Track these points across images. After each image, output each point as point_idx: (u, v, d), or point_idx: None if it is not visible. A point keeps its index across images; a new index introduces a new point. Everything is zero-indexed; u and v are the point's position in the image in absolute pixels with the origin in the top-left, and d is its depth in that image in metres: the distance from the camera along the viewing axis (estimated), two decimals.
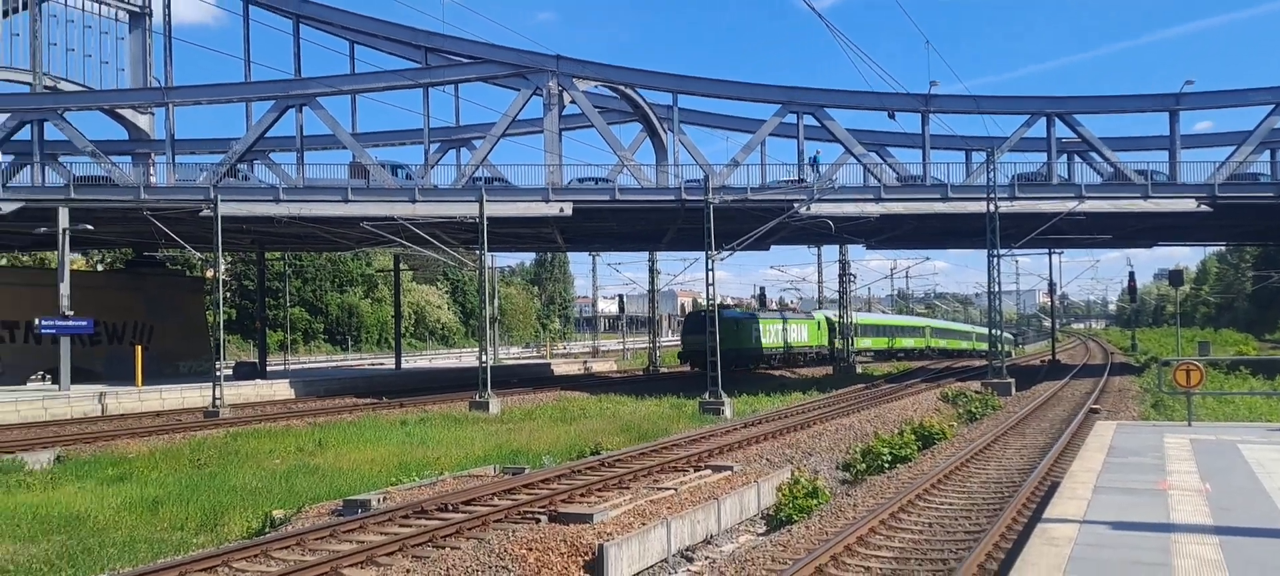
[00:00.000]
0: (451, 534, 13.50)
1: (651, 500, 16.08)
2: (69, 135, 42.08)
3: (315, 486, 19.30)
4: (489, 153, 42.92)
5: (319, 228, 42.96)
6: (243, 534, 15.62)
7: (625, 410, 35.20)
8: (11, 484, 20.23)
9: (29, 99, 45.37)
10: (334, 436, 27.14)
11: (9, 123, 42.30)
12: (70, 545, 14.64)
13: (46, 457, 23.87)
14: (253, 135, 42.46)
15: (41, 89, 46.99)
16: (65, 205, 38.85)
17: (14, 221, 39.70)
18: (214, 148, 49.66)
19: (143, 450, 24.80)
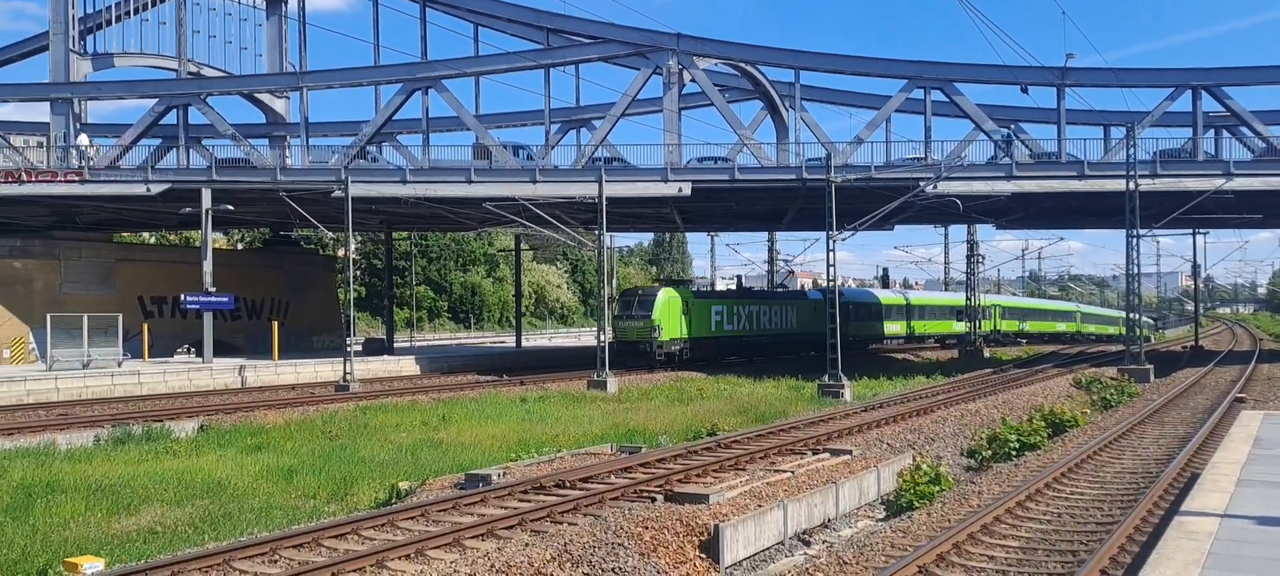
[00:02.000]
0: (569, 510, 13.63)
1: (768, 482, 15.91)
2: (211, 119, 44.17)
3: (438, 460, 19.78)
4: (608, 133, 43.12)
5: (443, 208, 44.00)
6: (370, 504, 16.13)
7: (742, 392, 34.99)
8: (160, 450, 21.41)
9: (175, 84, 47.79)
10: (456, 412, 27.79)
11: (157, 107, 44.66)
12: (212, 509, 15.40)
13: (191, 426, 25.19)
14: (381, 118, 43.74)
15: (186, 75, 49.45)
16: (208, 187, 40.79)
17: (161, 202, 41.92)
18: (345, 130, 51.43)
19: (278, 421, 25.89)
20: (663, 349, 43.89)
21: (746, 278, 68.37)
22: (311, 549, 11.68)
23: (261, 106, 52.71)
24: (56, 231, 48.91)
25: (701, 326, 47.45)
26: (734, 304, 51.88)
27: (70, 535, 13.64)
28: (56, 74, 46.29)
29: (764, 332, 52.83)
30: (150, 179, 41.26)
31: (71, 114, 45.67)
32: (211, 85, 48.76)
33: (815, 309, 55.07)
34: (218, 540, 13.15)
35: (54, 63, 46.29)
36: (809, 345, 53.63)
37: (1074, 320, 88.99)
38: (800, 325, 55.42)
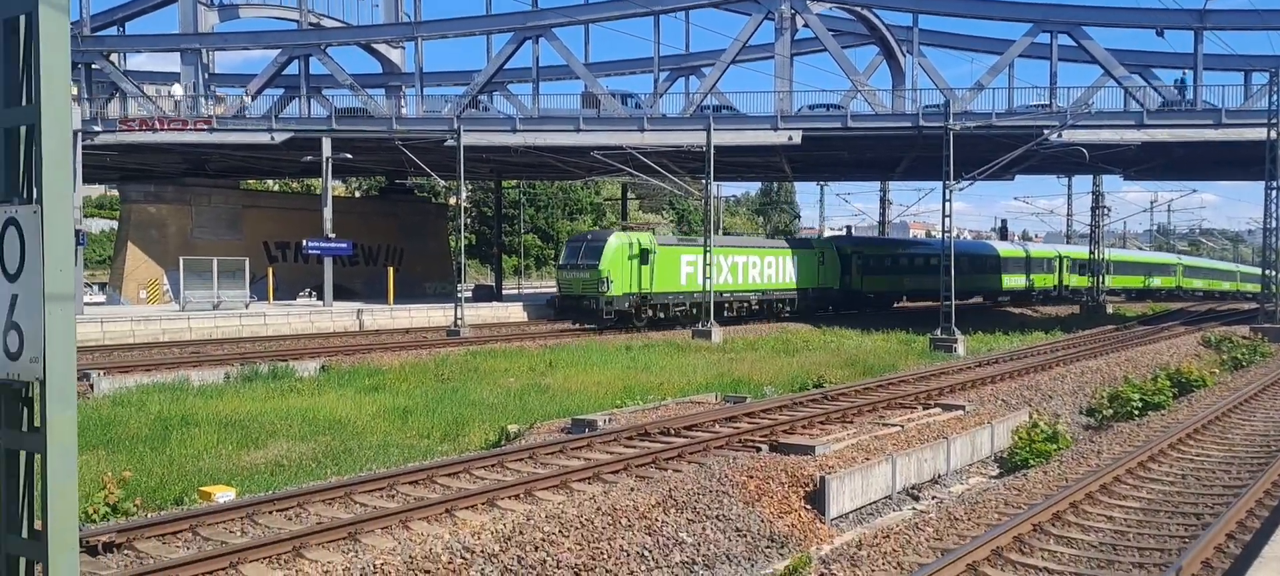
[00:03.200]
0: (673, 457, 13.69)
1: (876, 436, 15.67)
2: (331, 69, 45.35)
3: (545, 405, 20.12)
4: (717, 80, 42.64)
5: (551, 156, 44.33)
6: (481, 445, 16.52)
7: (850, 344, 34.49)
8: (284, 388, 22.33)
9: (296, 35, 49.19)
10: (562, 358, 28.18)
11: (279, 58, 46.07)
12: (333, 445, 16.02)
13: (313, 366, 26.18)
14: (492, 67, 44.18)
15: (306, 26, 50.82)
16: (327, 136, 41.99)
17: (284, 150, 43.38)
18: (458, 80, 52.16)
19: (394, 363, 26.70)
20: (613, 305, 37.17)
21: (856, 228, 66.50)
22: (426, 486, 12.02)
23: (378, 56, 53.86)
24: (188, 178, 51.16)
25: (666, 280, 39.62)
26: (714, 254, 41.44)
27: (204, 465, 14.37)
28: (185, 25, 48.12)
29: (754, 288, 43.96)
30: (274, 128, 42.68)
31: (200, 64, 47.49)
32: (331, 36, 50.01)
33: (825, 259, 47.86)
34: (339, 474, 13.66)
35: (183, 14, 48.09)
36: (816, 302, 47.00)
37: (1173, 274, 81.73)
38: (804, 279, 46.61)
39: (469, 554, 9.53)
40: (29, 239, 3.99)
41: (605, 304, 36.96)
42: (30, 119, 3.96)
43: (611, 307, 37.24)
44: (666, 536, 11.01)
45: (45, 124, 3.88)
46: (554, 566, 9.81)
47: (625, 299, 37.91)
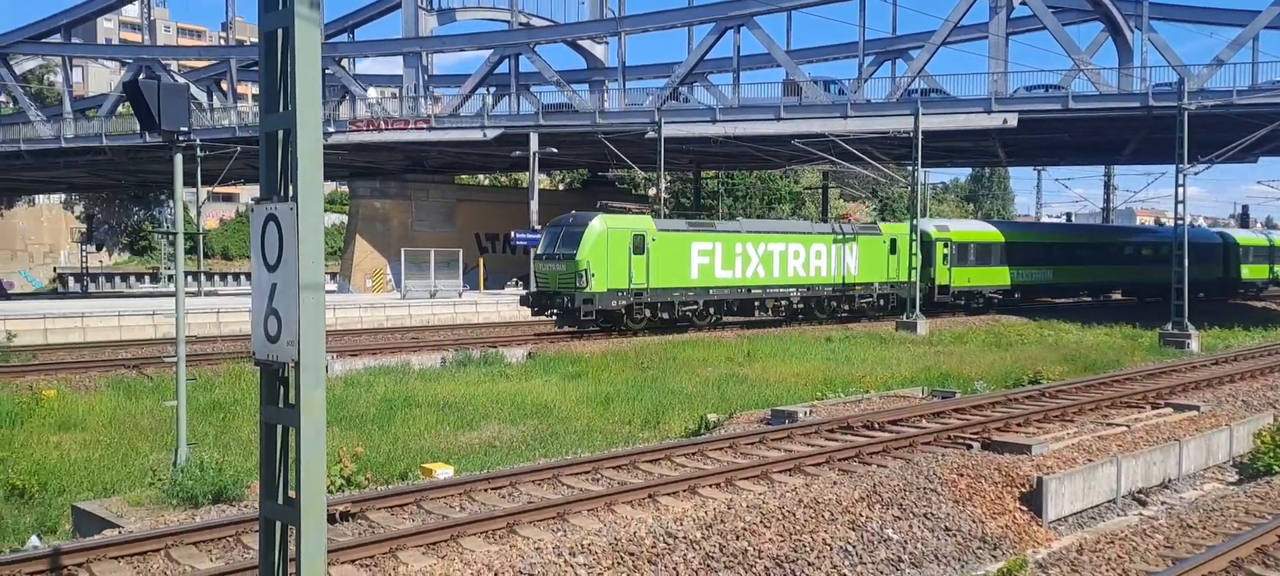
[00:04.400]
0: (878, 452, 13.41)
1: (1099, 436, 14.77)
2: (538, 67, 47.03)
3: (744, 395, 20.13)
4: (927, 62, 41.27)
5: (751, 146, 44.24)
6: (680, 433, 16.75)
7: (1068, 338, 32.61)
8: (495, 373, 23.39)
9: (508, 35, 51.30)
10: (761, 349, 28.08)
11: (491, 58, 48.19)
12: (541, 429, 16.68)
13: (521, 353, 27.28)
14: (693, 58, 44.54)
15: (517, 26, 52.90)
16: (535, 131, 43.59)
17: (495, 146, 45.40)
18: (659, 72, 52.93)
19: (595, 351, 27.41)
20: (593, 304, 30.64)
21: (1076, 215, 62.58)
22: (629, 471, 12.32)
23: (582, 52, 55.42)
24: (409, 174, 54.40)
25: (669, 274, 32.54)
26: (732, 241, 34.56)
27: (424, 444, 15.29)
28: (407, 30, 51.11)
29: (796, 283, 36.26)
30: (486, 125, 44.73)
31: (420, 66, 50.36)
32: (539, 34, 51.84)
33: (898, 248, 39.08)
34: (547, 457, 14.21)
35: (406, 19, 51.11)
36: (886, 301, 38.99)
37: None
38: (868, 271, 38.51)
39: (671, 538, 9.70)
40: (286, 233, 4.40)
41: (583, 302, 30.38)
42: (288, 124, 4.37)
43: (592, 306, 30.74)
44: (871, 532, 10.81)
45: (300, 128, 4.27)
46: (755, 556, 9.84)
47: (611, 296, 31.13)
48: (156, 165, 52.77)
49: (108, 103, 54.78)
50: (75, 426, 16.33)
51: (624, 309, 31.65)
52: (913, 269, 37.25)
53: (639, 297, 31.90)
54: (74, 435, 15.70)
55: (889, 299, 39.02)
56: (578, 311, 30.56)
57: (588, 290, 30.44)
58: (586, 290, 30.43)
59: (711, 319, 33.89)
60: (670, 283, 32.51)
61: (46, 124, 54.44)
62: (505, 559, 8.87)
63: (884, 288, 38.85)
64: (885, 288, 38.87)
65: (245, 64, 53.72)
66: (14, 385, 20.21)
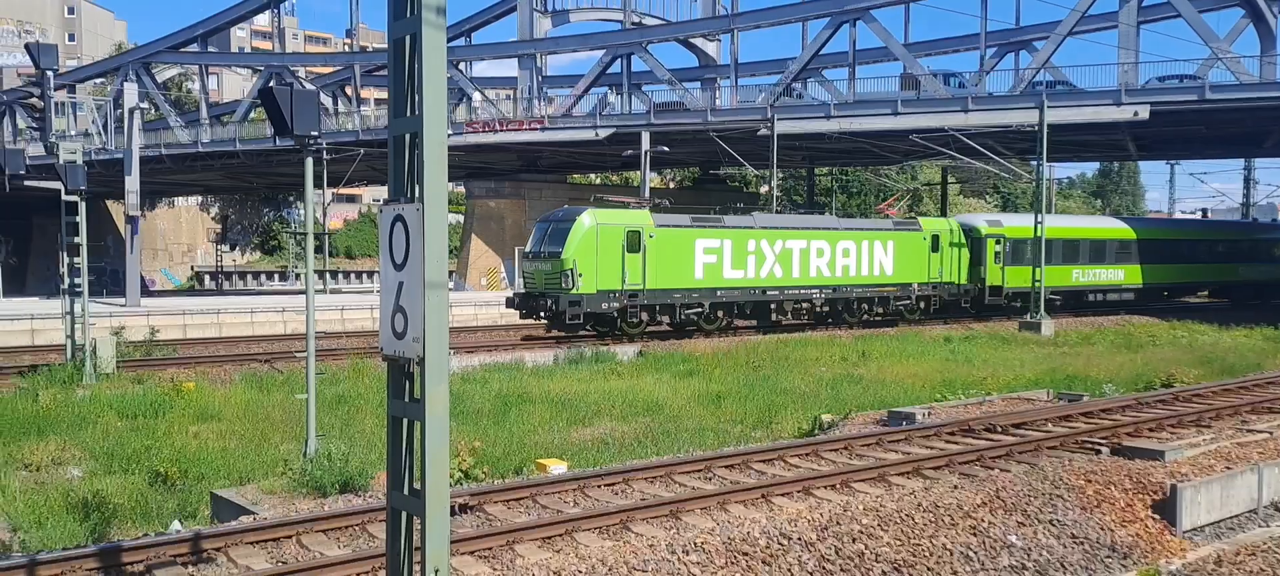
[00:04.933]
0: (1001, 455, 13.03)
1: (1238, 442, 14.02)
2: (651, 66, 47.24)
3: (859, 395, 19.83)
4: (1052, 53, 39.81)
5: (867, 142, 43.50)
6: (794, 433, 16.59)
7: (1204, 340, 31.04)
8: (606, 371, 23.62)
9: (620, 35, 51.68)
10: (876, 348, 27.62)
11: (604, 58, 48.63)
12: (653, 426, 16.76)
13: (632, 350, 27.44)
14: (807, 54, 44.05)
15: (630, 25, 53.25)
16: (646, 129, 43.80)
17: (607, 145, 45.79)
18: (772, 68, 52.53)
19: (706, 350, 27.38)
20: (580, 306, 28.09)
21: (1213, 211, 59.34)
22: (742, 470, 12.27)
23: (695, 50, 55.44)
24: (522, 174, 55.35)
25: (669, 273, 29.59)
26: (743, 237, 31.22)
27: (538, 439, 15.55)
28: (522, 33, 52.01)
29: (820, 283, 33.03)
30: (598, 124, 45.17)
31: (534, 68, 51.19)
32: (651, 33, 52.07)
33: (940, 245, 35.70)
34: (659, 454, 14.27)
35: (521, 22, 52.02)
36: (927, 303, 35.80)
37: None
38: (905, 271, 34.92)
39: (785, 539, 9.63)
40: (413, 233, 4.54)
41: (570, 304, 27.85)
42: (415, 128, 4.51)
43: (579, 309, 28.15)
44: (993, 538, 10.51)
45: (426, 132, 4.40)
46: (872, 559, 9.68)
47: (602, 298, 28.48)
48: (286, 168, 55.02)
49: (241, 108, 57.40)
50: (212, 417, 17.17)
51: (616, 312, 29.09)
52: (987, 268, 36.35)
53: (634, 299, 29.26)
54: (211, 425, 16.51)
55: (930, 301, 36.03)
56: (563, 314, 28.00)
57: (574, 291, 27.94)
58: (573, 291, 27.92)
59: (720, 323, 31.36)
60: (670, 283, 29.69)
61: (185, 129, 57.40)
62: (619, 555, 8.95)
63: (924, 289, 35.65)
64: (925, 289, 35.67)
65: (368, 69, 55.55)
66: (156, 378, 21.38)
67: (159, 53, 59.57)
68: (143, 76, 56.49)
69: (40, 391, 19.18)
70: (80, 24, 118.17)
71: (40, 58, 23.66)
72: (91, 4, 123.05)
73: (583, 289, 28.05)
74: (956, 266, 36.63)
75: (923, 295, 35.76)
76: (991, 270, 37.47)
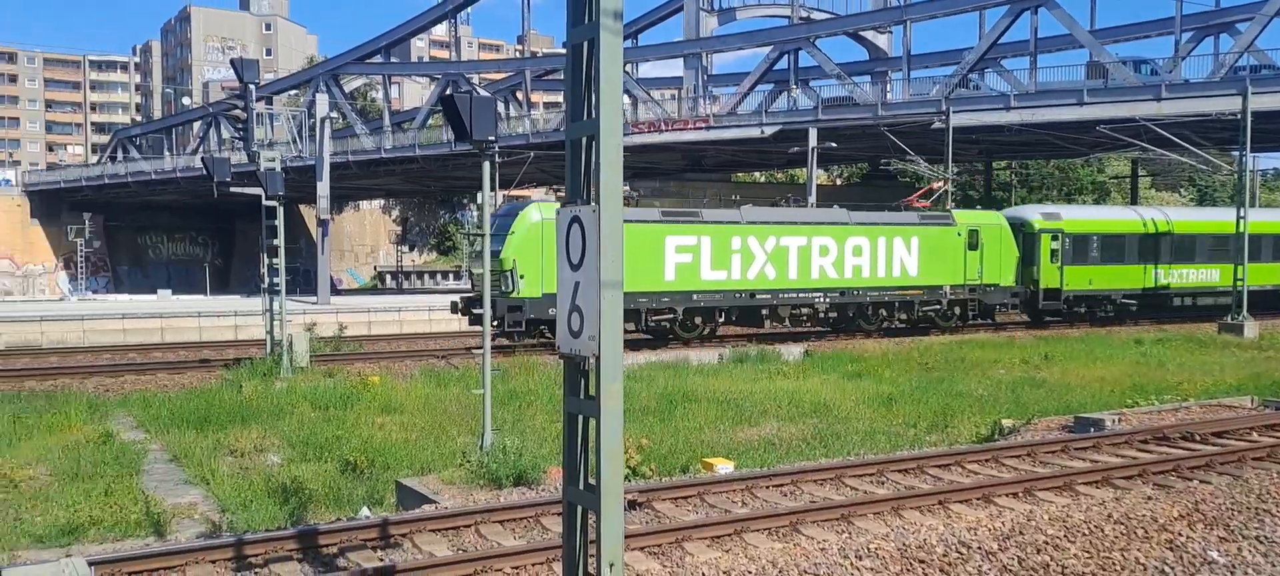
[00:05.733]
0: (1200, 466, 12.15)
1: None
2: (819, 61, 46.58)
3: (1042, 399, 18.94)
4: (1257, 36, 36.88)
5: (1049, 134, 41.50)
6: (971, 438, 16.00)
7: None
8: (772, 371, 23.44)
9: (787, 31, 51.18)
10: (1059, 350, 26.34)
11: (770, 55, 48.27)
12: (821, 428, 16.51)
13: (797, 351, 27.14)
14: (985, 44, 42.41)
15: (798, 20, 52.66)
16: (813, 126, 43.19)
17: (773, 143, 45.43)
18: (947, 60, 50.81)
19: (876, 350, 26.80)
20: (521, 312, 25.59)
21: None
22: (917, 475, 11.92)
23: (865, 43, 54.30)
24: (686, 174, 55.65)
25: (632, 274, 25.69)
26: (726, 233, 28.08)
27: (704, 438, 15.58)
28: (688, 32, 52.26)
29: (826, 286, 29.57)
30: (764, 122, 44.88)
31: (700, 67, 51.35)
32: (819, 28, 51.33)
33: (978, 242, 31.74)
34: (828, 456, 14.04)
35: (687, 21, 52.29)
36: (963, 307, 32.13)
37: None
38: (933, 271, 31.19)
39: (964, 548, 9.29)
40: (589, 234, 4.62)
41: (509, 310, 25.31)
42: (591, 131, 4.59)
43: (520, 315, 25.55)
44: (1192, 554, 9.80)
45: (602, 134, 4.47)
46: (1058, 572, 9.20)
47: (548, 303, 25.14)
48: (461, 171, 57.22)
49: (420, 115, 60.10)
50: (395, 410, 18.05)
51: None
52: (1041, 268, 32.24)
53: None
54: (394, 417, 17.35)
55: (966, 306, 32.15)
56: (501, 320, 25.20)
57: (515, 295, 25.37)
58: (513, 295, 25.35)
59: (699, 331, 28.43)
60: (634, 286, 26.13)
61: (369, 137, 60.58)
62: (789, 557, 8.85)
63: (959, 292, 31.66)
64: (960, 291, 31.67)
65: (538, 74, 57.12)
66: (345, 372, 22.66)
67: (346, 64, 63.09)
68: (332, 87, 59.95)
69: (243, 383, 20.66)
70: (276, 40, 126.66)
71: (243, 72, 25.48)
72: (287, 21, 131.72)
73: (526, 293, 25.44)
74: (1001, 266, 32.47)
75: (957, 299, 31.86)
76: (1046, 270, 33.39)
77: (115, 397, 20.18)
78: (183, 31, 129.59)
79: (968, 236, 31.84)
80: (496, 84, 60.26)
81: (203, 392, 19.91)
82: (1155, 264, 35.54)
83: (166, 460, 14.47)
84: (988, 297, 32.32)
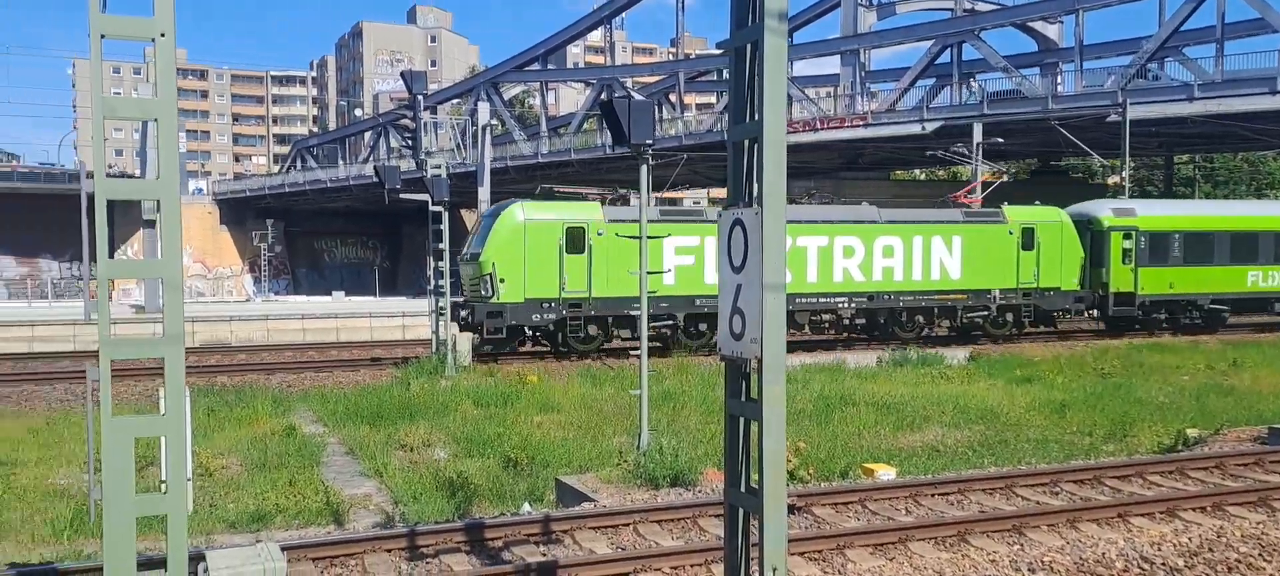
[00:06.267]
0: None
1: None
2: (984, 54, 44.94)
3: (1231, 408, 17.73)
4: None
5: (1238, 125, 38.71)
6: (1151, 448, 15.09)
7: None
8: (934, 375, 22.73)
9: (950, 24, 49.55)
10: (1249, 356, 24.59)
11: (932, 48, 46.88)
12: (988, 435, 15.91)
13: (962, 354, 26.25)
14: (1165, 31, 39.97)
15: (961, 13, 50.93)
16: (978, 121, 41.68)
17: (934, 139, 44.10)
18: (1123, 49, 48.10)
19: (1045, 354, 25.64)
20: (502, 318, 24.75)
21: None
22: (1093, 486, 11.33)
23: (1034, 34, 52.08)
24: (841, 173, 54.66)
25: (624, 279, 23.58)
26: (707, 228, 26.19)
27: (863, 443, 15.26)
28: (846, 28, 51.36)
29: (852, 290, 27.67)
30: (925, 118, 43.62)
31: (857, 63, 50.37)
32: (984, 20, 49.51)
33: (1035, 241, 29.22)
34: (996, 464, 13.52)
35: (845, 18, 51.40)
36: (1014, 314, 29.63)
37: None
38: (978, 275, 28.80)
39: (1147, 564, 8.76)
40: (751, 237, 4.59)
41: (488, 316, 24.53)
42: (754, 133, 4.56)
43: (500, 321, 24.64)
44: None
45: (766, 136, 4.44)
46: None
47: (531, 308, 24.64)
48: (615, 175, 58.04)
49: (575, 120, 61.31)
50: (552, 409, 18.44)
51: (552, 325, 25.24)
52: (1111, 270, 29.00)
53: (576, 310, 25.12)
54: (552, 416, 17.74)
55: (1020, 312, 29.54)
56: (479, 325, 24.57)
57: (495, 300, 24.47)
58: (492, 300, 24.46)
59: (707, 339, 26.09)
60: (627, 290, 23.75)
61: (527, 142, 62.21)
62: (957, 568, 8.57)
63: (1010, 295, 29.13)
64: (1012, 296, 29.15)
65: (691, 76, 57.29)
66: (505, 371, 23.33)
67: (506, 73, 65.01)
68: (492, 95, 61.89)
69: (411, 381, 21.56)
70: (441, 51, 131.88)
71: (412, 84, 26.62)
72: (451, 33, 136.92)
73: (506, 297, 24.60)
74: (1061, 267, 29.63)
75: (1008, 304, 29.33)
76: (1118, 272, 30.22)
77: (297, 393, 21.41)
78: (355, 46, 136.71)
79: (1021, 235, 29.37)
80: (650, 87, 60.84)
81: (375, 389, 20.88)
82: (1253, 264, 31.83)
83: (343, 453, 15.25)
84: (1045, 302, 29.73)
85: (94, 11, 4.05)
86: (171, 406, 4.47)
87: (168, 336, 4.37)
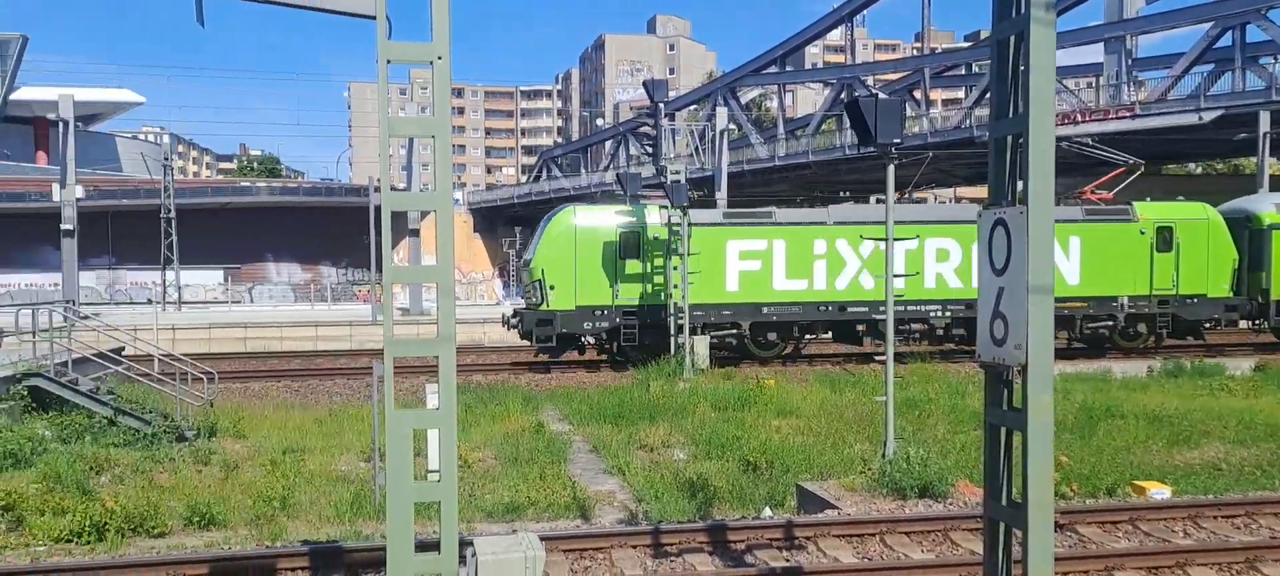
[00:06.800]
0: None
1: None
2: (1271, 34, 40.57)
3: None
4: None
5: None
6: None
7: None
8: (1213, 387, 20.79)
9: (1232, 4, 45.04)
10: None
11: (1211, 32, 42.81)
12: (1276, 454, 14.35)
13: (1246, 365, 23.86)
14: None
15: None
16: (1265, 108, 37.71)
17: (1211, 129, 40.30)
18: None
19: None
20: (552, 326, 24.08)
21: None
22: None
23: None
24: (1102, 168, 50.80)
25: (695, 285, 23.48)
26: (807, 236, 24.75)
27: (1133, 458, 14.15)
28: (1110, 15, 47.83)
29: (950, 297, 25.00)
30: (1202, 107, 39.94)
31: (1122, 51, 46.78)
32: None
33: (1169, 241, 25.61)
34: None
35: (1109, 2, 47.89)
36: (1149, 322, 25.87)
37: None
38: (1099, 280, 25.55)
39: None
40: (1015, 237, 4.37)
41: (538, 324, 24.13)
42: (1019, 128, 4.34)
43: (550, 329, 24.11)
44: None
45: (1032, 132, 4.21)
46: None
47: (582, 316, 23.99)
48: (854, 175, 56.84)
49: (814, 121, 60.57)
50: (790, 413, 18.30)
51: (605, 333, 24.49)
52: (1274, 275, 25.15)
53: (629, 318, 24.34)
54: (790, 420, 17.60)
55: (1155, 322, 26.21)
56: (530, 333, 24.38)
57: (545, 307, 24.06)
58: (543, 307, 24.08)
59: (779, 349, 25.40)
60: (691, 298, 23.84)
61: (763, 145, 62.10)
62: None
63: (1141, 304, 25.97)
64: (1143, 303, 25.98)
65: (936, 71, 55.20)
66: (741, 374, 23.39)
67: (743, 77, 65.19)
68: (729, 100, 62.28)
69: (650, 383, 22.05)
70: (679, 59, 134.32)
71: (654, 92, 27.29)
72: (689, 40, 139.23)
73: (556, 304, 24.17)
74: (1208, 272, 26.26)
75: (1139, 313, 26.21)
76: None
77: (544, 392, 22.42)
78: (598, 58, 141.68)
79: (1155, 235, 26.37)
80: (892, 84, 59.18)
81: (616, 390, 21.52)
82: None
83: (588, 451, 15.81)
84: (1187, 311, 26.53)
85: (382, 39, 4.42)
86: (444, 401, 4.80)
87: (441, 337, 4.69)
